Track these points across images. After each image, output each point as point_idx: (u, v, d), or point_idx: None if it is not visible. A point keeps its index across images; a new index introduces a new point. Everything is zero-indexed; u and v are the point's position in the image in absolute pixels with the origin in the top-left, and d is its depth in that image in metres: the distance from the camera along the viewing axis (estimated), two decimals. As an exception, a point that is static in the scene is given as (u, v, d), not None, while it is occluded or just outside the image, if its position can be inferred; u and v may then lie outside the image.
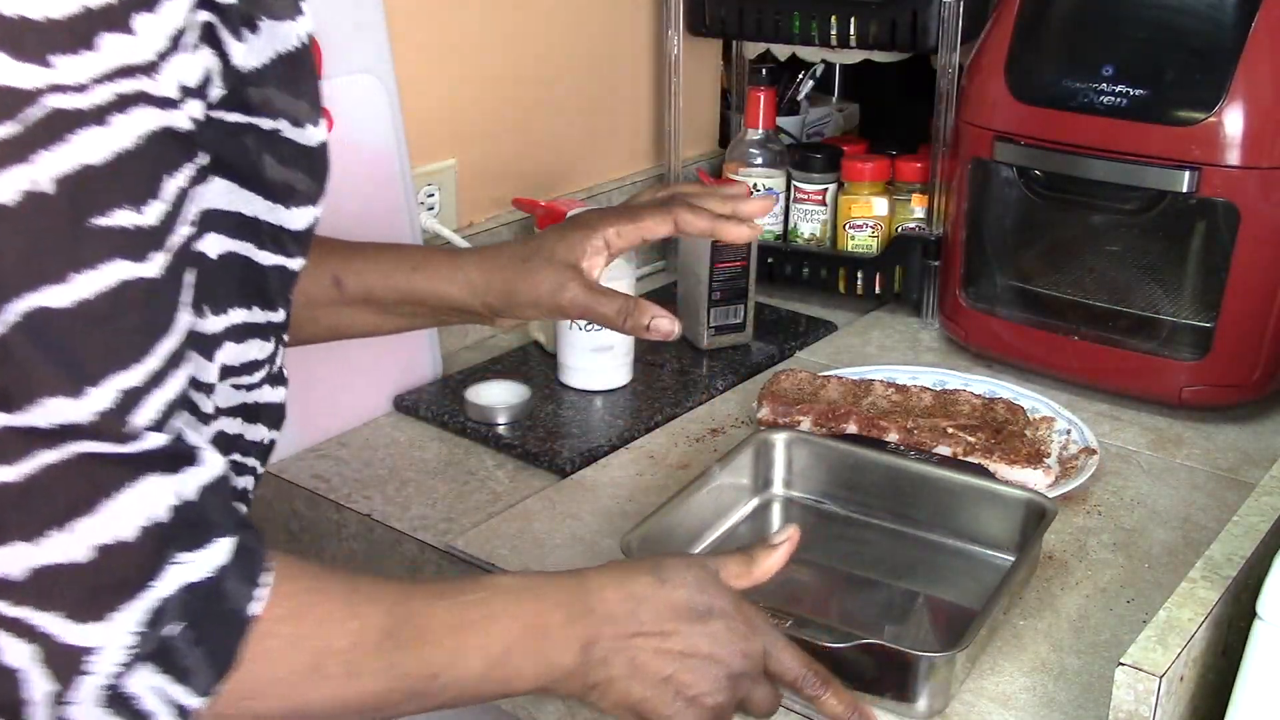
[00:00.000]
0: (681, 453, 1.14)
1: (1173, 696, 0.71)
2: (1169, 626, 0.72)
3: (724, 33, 1.47)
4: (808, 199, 1.45)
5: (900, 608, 0.94)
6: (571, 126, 1.48)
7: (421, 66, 1.27)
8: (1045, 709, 0.82)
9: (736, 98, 1.64)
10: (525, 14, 1.37)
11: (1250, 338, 1.15)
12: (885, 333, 1.40)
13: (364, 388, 1.20)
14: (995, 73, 1.21)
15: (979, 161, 1.26)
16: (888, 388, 1.16)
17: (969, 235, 1.30)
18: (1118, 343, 1.22)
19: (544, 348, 1.33)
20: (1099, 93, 1.14)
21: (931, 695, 0.80)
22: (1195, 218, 1.16)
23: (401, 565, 1.04)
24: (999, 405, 1.13)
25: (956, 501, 0.99)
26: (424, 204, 1.30)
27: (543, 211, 1.30)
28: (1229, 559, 0.78)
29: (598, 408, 1.21)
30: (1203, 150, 1.10)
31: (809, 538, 1.02)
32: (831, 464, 1.04)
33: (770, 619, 0.75)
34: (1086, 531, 1.01)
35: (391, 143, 1.19)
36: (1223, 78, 1.08)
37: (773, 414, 1.13)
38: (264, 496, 1.13)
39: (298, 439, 1.15)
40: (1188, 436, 1.17)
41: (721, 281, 1.31)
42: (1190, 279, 1.19)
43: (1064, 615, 0.91)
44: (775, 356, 1.33)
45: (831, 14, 1.36)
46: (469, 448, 1.15)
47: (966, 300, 1.31)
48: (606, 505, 1.05)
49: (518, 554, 0.98)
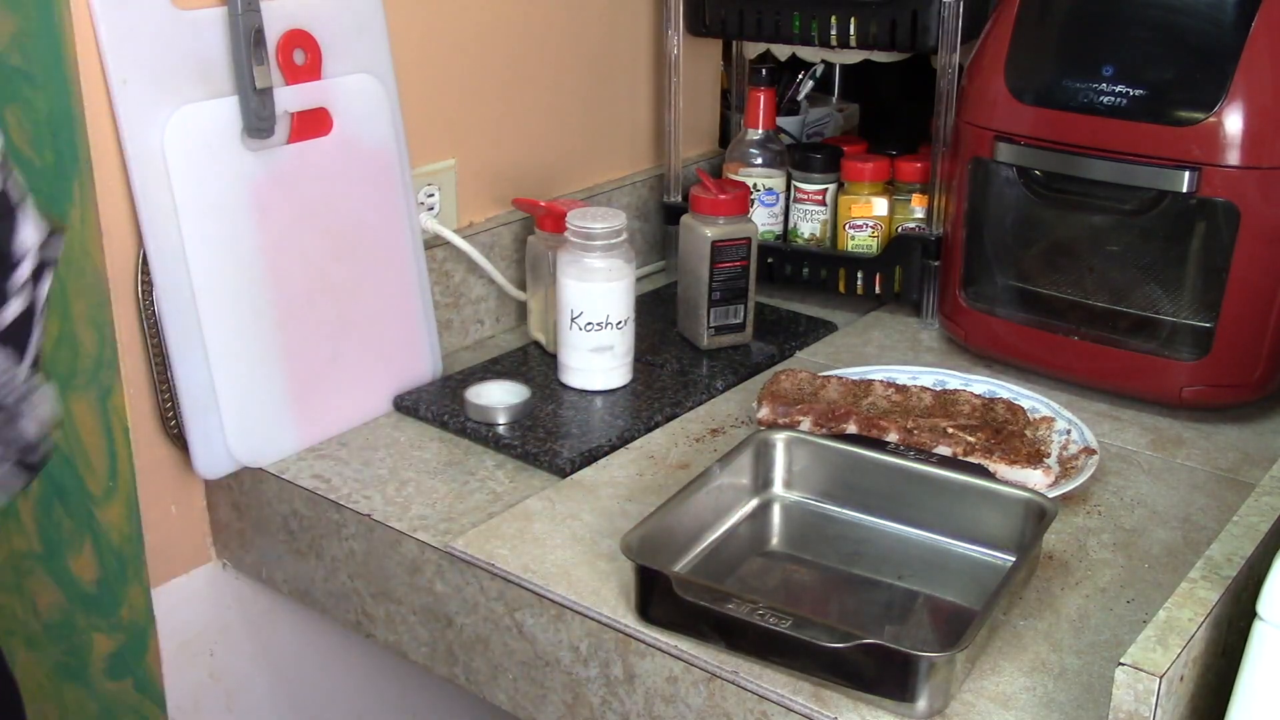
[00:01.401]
0: (681, 453, 1.14)
1: (1173, 696, 0.71)
2: (1169, 626, 0.72)
3: (724, 33, 1.47)
4: (808, 199, 1.45)
5: (900, 608, 0.94)
6: (571, 126, 1.48)
7: (421, 66, 1.27)
8: (1045, 709, 0.82)
9: (736, 98, 1.64)
10: (525, 14, 1.37)
11: (1250, 338, 1.15)
12: (885, 333, 1.40)
13: (364, 388, 1.20)
14: (995, 73, 1.21)
15: (979, 161, 1.26)
16: (888, 388, 1.16)
17: (969, 235, 1.30)
18: (1118, 343, 1.22)
19: (544, 348, 1.33)
20: (1099, 93, 1.14)
21: (931, 695, 0.80)
22: (1195, 218, 1.16)
23: (401, 565, 1.04)
24: (999, 405, 1.13)
25: (956, 501, 0.99)
26: (424, 204, 1.30)
27: (543, 211, 1.30)
28: (1229, 559, 0.78)
29: (598, 408, 1.21)
30: (1203, 150, 1.10)
31: (809, 538, 1.03)
32: (831, 464, 1.04)
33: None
34: (1086, 531, 1.01)
35: (391, 143, 1.19)
36: (1222, 78, 1.08)
37: (773, 414, 1.13)
38: (264, 496, 1.13)
39: (298, 439, 1.15)
40: (1188, 436, 1.17)
41: (721, 281, 1.31)
42: (1190, 279, 1.19)
43: (1064, 615, 0.91)
44: (775, 356, 1.33)
45: (831, 14, 1.36)
46: (469, 448, 1.15)
47: (966, 300, 1.31)
48: (606, 505, 1.05)
49: (517, 554, 0.98)
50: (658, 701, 0.90)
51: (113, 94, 1.01)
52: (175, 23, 1.03)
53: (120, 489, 1.10)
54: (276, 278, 1.11)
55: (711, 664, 0.86)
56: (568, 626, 0.93)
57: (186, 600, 1.19)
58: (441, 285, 1.32)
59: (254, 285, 1.10)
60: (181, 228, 1.05)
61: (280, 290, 1.12)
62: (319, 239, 1.14)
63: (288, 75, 1.10)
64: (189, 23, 1.04)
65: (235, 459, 1.12)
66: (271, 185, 1.10)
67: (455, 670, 1.03)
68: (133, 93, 1.01)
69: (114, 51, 1.00)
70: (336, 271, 1.16)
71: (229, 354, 1.09)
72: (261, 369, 1.11)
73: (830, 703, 0.82)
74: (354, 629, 1.11)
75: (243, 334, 1.10)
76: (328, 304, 1.16)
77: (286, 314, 1.13)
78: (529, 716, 0.99)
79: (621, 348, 1.23)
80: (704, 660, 0.86)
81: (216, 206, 1.07)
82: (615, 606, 0.92)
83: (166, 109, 1.03)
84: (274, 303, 1.11)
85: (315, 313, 1.15)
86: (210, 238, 1.06)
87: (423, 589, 1.03)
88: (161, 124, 1.03)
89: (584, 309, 1.20)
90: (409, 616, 1.05)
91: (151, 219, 1.04)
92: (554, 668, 0.96)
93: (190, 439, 1.10)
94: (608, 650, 0.91)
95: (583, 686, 0.94)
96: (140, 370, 1.09)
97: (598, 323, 1.21)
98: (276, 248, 1.11)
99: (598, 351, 1.22)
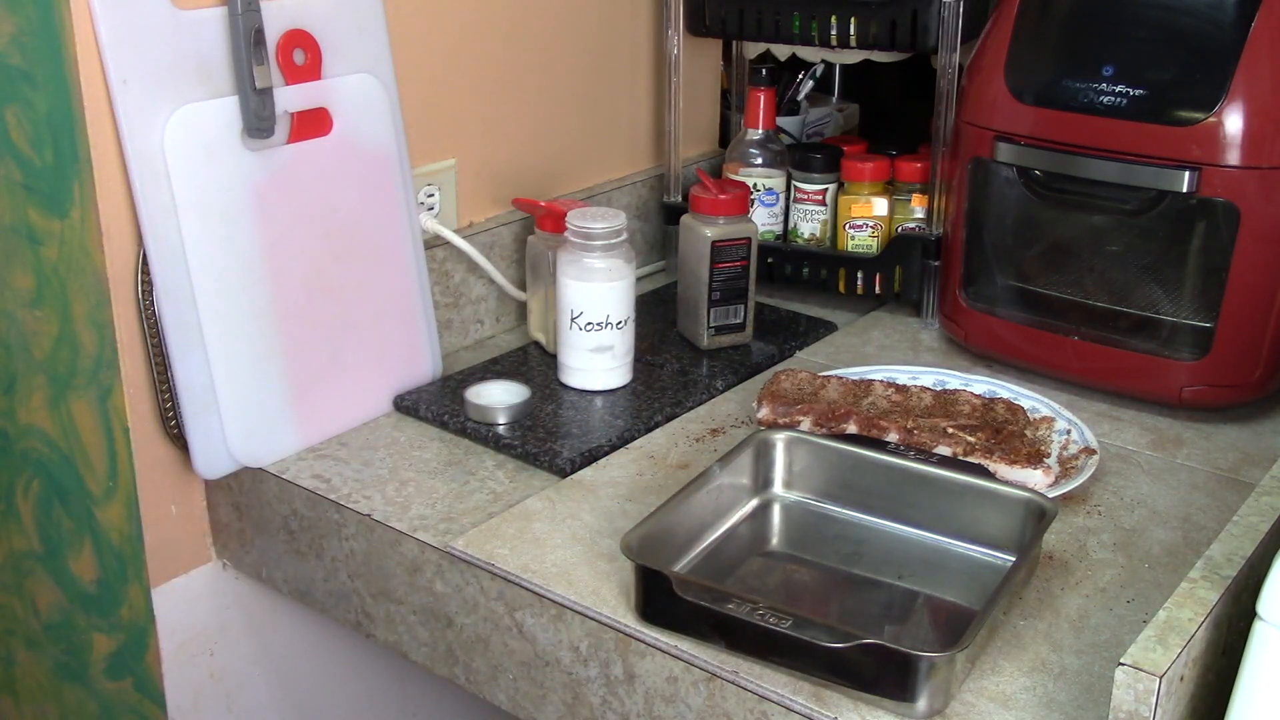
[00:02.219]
0: (681, 453, 1.14)
1: (1173, 696, 0.71)
2: (1169, 626, 0.72)
3: (724, 33, 1.47)
4: (808, 199, 1.45)
5: (900, 608, 0.94)
6: (571, 126, 1.48)
7: (421, 66, 1.27)
8: (1045, 709, 0.82)
9: (736, 98, 1.64)
10: (525, 14, 1.38)
11: (1250, 338, 1.15)
12: (885, 333, 1.40)
13: (364, 388, 1.20)
14: (995, 73, 1.21)
15: (979, 161, 1.26)
16: (888, 388, 1.16)
17: (969, 235, 1.30)
18: (1118, 343, 1.22)
19: (544, 348, 1.33)
20: (1099, 93, 1.14)
21: (931, 695, 0.80)
22: (1195, 218, 1.16)
23: (401, 565, 1.04)
24: (999, 405, 1.13)
25: (956, 501, 0.99)
26: (424, 204, 1.30)
27: (543, 211, 1.30)
28: (1229, 559, 0.78)
29: (598, 408, 1.21)
30: (1203, 150, 1.10)
31: (809, 538, 1.03)
32: (831, 464, 1.04)
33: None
34: (1086, 531, 1.01)
35: (391, 143, 1.19)
36: (1223, 78, 1.08)
37: (773, 414, 1.13)
38: (264, 496, 1.13)
39: (298, 439, 1.15)
40: (1188, 436, 1.17)
41: (721, 281, 1.31)
42: (1190, 279, 1.19)
43: (1064, 615, 0.91)
44: (775, 356, 1.33)
45: (831, 14, 1.36)
46: (469, 448, 1.15)
47: (966, 300, 1.31)
48: (606, 505, 1.05)
49: (517, 554, 0.98)
50: (658, 701, 0.90)
51: (113, 94, 1.01)
52: (175, 23, 1.03)
53: (120, 489, 1.10)
54: (276, 278, 1.11)
55: (711, 664, 0.86)
56: (568, 626, 0.93)
57: (186, 600, 1.19)
58: (441, 285, 1.32)
59: (254, 285, 1.10)
60: (181, 228, 1.05)
61: (280, 290, 1.12)
62: (319, 239, 1.14)
63: (288, 75, 1.10)
64: (189, 23, 1.04)
65: (235, 459, 1.12)
66: (271, 185, 1.10)
67: (455, 670, 1.03)
68: (133, 93, 1.01)
69: (114, 51, 1.00)
70: (336, 271, 1.16)
71: (229, 354, 1.09)
72: (261, 369, 1.11)
73: (830, 703, 0.82)
74: (354, 629, 1.11)
75: (243, 334, 1.10)
76: (328, 304, 1.16)
77: (286, 314, 1.13)
78: (529, 716, 0.99)
79: (621, 348, 1.23)
80: (704, 660, 0.86)
81: (216, 206, 1.07)
82: (615, 606, 0.92)
83: (166, 109, 1.03)
84: (274, 303, 1.12)
85: (315, 312, 1.15)
86: (210, 238, 1.06)
87: (423, 589, 1.03)
88: (161, 124, 1.03)
89: (584, 309, 1.21)
90: (409, 616, 1.05)
91: (151, 219, 1.04)
92: (554, 668, 0.96)
93: (190, 439, 1.10)
94: (608, 650, 0.91)
95: (583, 686, 0.94)
96: (140, 370, 1.09)
97: (598, 323, 1.21)
98: (276, 248, 1.11)
99: (598, 351, 1.22)
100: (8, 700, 1.26)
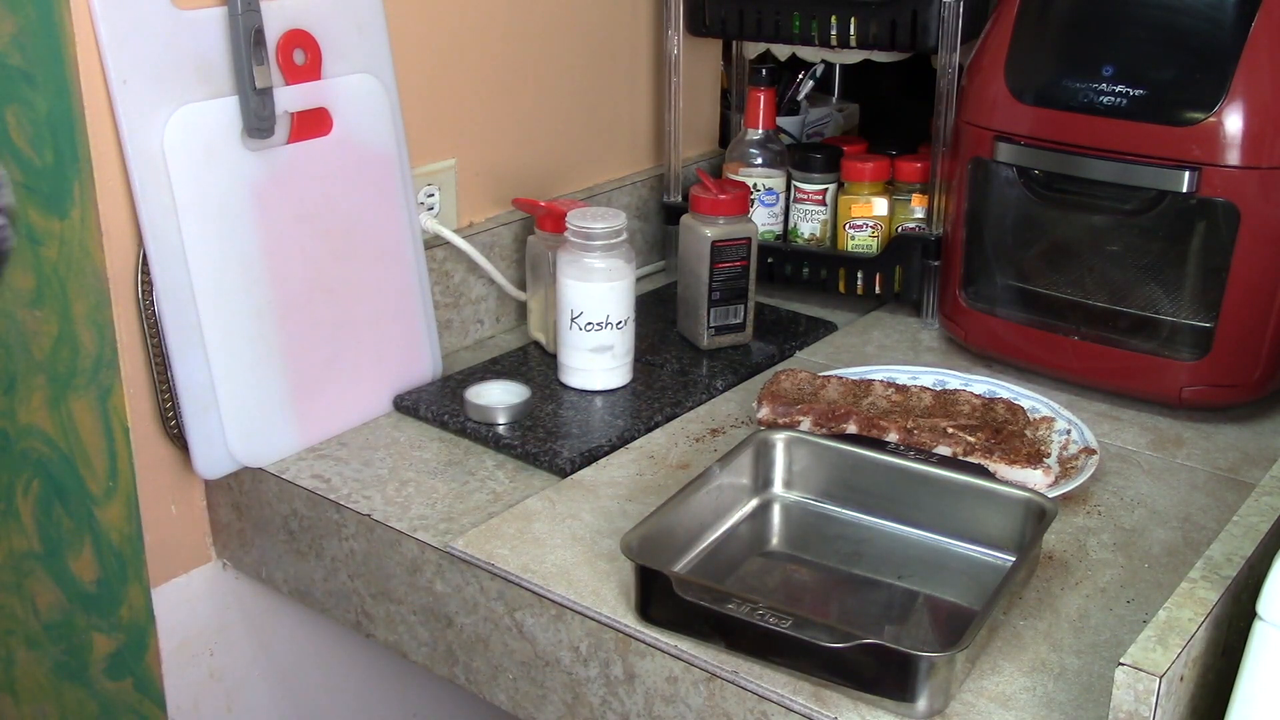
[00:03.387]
0: (681, 453, 1.14)
1: (1173, 696, 0.71)
2: (1169, 626, 0.72)
3: (724, 33, 1.47)
4: (808, 199, 1.45)
5: (900, 608, 0.94)
6: (571, 126, 1.48)
7: (421, 66, 1.27)
8: (1045, 709, 0.82)
9: (736, 98, 1.63)
10: (525, 14, 1.37)
11: (1250, 338, 1.15)
12: (885, 333, 1.40)
13: (364, 388, 1.20)
14: (995, 73, 1.21)
15: (979, 161, 1.26)
16: (888, 388, 1.16)
17: (969, 235, 1.30)
18: (1118, 343, 1.22)
19: (544, 348, 1.33)
20: (1099, 93, 1.14)
21: (931, 695, 0.80)
22: (1195, 218, 1.16)
23: (401, 565, 1.04)
24: (999, 405, 1.13)
25: (956, 501, 0.99)
26: (424, 204, 1.30)
27: (543, 211, 1.30)
28: (1229, 559, 0.78)
29: (598, 408, 1.21)
30: (1203, 150, 1.10)
31: (809, 538, 1.03)
32: (831, 464, 1.04)
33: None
34: (1086, 531, 1.01)
35: (391, 143, 1.19)
36: (1223, 78, 1.08)
37: (773, 414, 1.13)
38: (264, 496, 1.13)
39: (298, 439, 1.15)
40: (1188, 436, 1.17)
41: (721, 281, 1.31)
42: (1190, 279, 1.19)
43: (1064, 615, 0.91)
44: (775, 356, 1.33)
45: (831, 14, 1.36)
46: (469, 448, 1.15)
47: (966, 300, 1.31)
48: (606, 505, 1.05)
49: (517, 554, 0.98)
50: (658, 701, 0.90)
51: (113, 94, 1.01)
52: (175, 23, 1.03)
53: (120, 489, 1.10)
54: (276, 278, 1.11)
55: (711, 664, 0.86)
56: (568, 626, 0.93)
57: (186, 600, 1.19)
58: (441, 285, 1.32)
59: (254, 285, 1.10)
60: (181, 228, 1.05)
61: (280, 290, 1.12)
62: (319, 239, 1.14)
63: (288, 75, 1.10)
64: (189, 23, 1.04)
65: (235, 459, 1.12)
66: (271, 185, 1.10)
67: (455, 670, 1.03)
68: (133, 93, 1.01)
69: (114, 51, 1.00)
70: (336, 271, 1.16)
71: (229, 354, 1.09)
72: (261, 369, 1.11)
73: (830, 703, 0.82)
74: (354, 629, 1.11)
75: (242, 334, 1.10)
76: (327, 304, 1.16)
77: (286, 314, 1.13)
78: (529, 716, 0.99)
79: (621, 348, 1.23)
80: (704, 660, 0.86)
81: (216, 206, 1.07)
82: (615, 606, 0.92)
83: (166, 109, 1.03)
84: (274, 303, 1.11)
85: (315, 312, 1.15)
86: (210, 238, 1.06)
87: (423, 589, 1.03)
88: (161, 124, 1.03)
89: (584, 309, 1.21)
90: (409, 616, 1.05)
91: (151, 219, 1.04)
92: (554, 668, 0.96)
93: (190, 439, 1.10)
94: (608, 650, 0.91)
95: (583, 686, 0.94)
96: (140, 370, 1.09)
97: (598, 323, 1.21)
98: (276, 248, 1.11)
99: (598, 351, 1.22)
100: (7, 700, 1.26)
